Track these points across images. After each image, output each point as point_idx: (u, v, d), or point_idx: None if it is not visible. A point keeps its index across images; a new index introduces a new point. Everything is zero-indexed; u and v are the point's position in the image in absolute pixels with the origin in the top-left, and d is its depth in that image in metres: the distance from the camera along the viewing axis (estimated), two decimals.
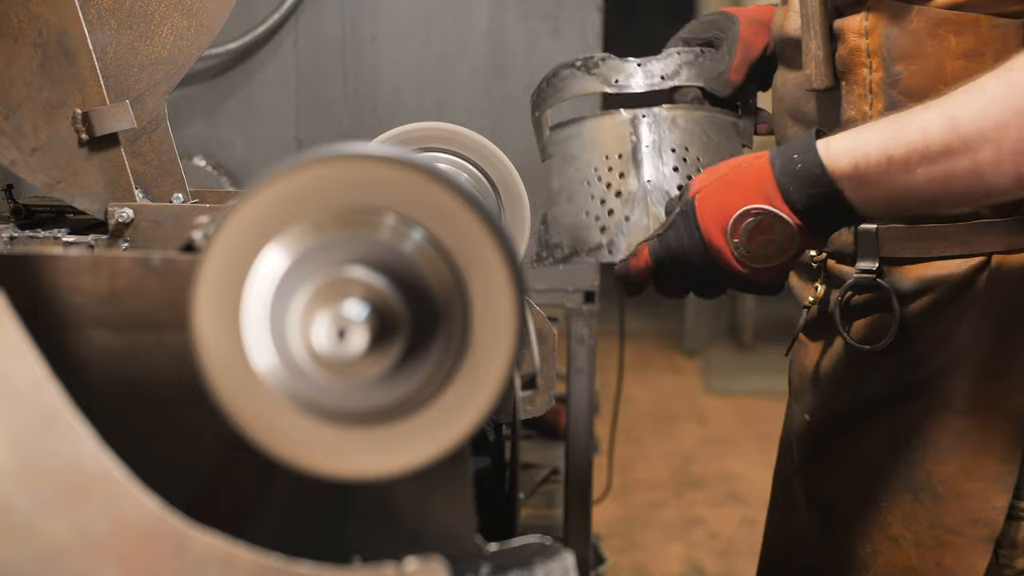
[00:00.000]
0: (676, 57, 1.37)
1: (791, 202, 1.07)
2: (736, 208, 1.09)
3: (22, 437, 0.61)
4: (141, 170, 1.32)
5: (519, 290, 0.67)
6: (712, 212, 1.11)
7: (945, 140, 0.99)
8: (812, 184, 1.05)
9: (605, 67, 1.36)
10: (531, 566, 0.75)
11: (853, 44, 1.16)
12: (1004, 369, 1.15)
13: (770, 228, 1.08)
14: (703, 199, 1.12)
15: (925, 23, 1.11)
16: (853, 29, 1.15)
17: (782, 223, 1.07)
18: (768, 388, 4.81)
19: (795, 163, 1.07)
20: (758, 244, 1.09)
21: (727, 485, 4.14)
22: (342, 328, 0.64)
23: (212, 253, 0.67)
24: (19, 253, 0.76)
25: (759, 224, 1.08)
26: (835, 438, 1.29)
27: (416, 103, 2.22)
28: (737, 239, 1.09)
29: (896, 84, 1.14)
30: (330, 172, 0.67)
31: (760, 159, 1.11)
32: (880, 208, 1.08)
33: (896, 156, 1.01)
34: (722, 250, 1.10)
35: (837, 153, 1.05)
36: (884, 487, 1.23)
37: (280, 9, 2.19)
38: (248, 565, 0.64)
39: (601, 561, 2.70)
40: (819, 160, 1.05)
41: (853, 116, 1.17)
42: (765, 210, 1.07)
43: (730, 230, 1.09)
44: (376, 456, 0.68)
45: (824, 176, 1.05)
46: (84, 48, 1.22)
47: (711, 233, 1.11)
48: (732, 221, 1.09)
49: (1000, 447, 1.15)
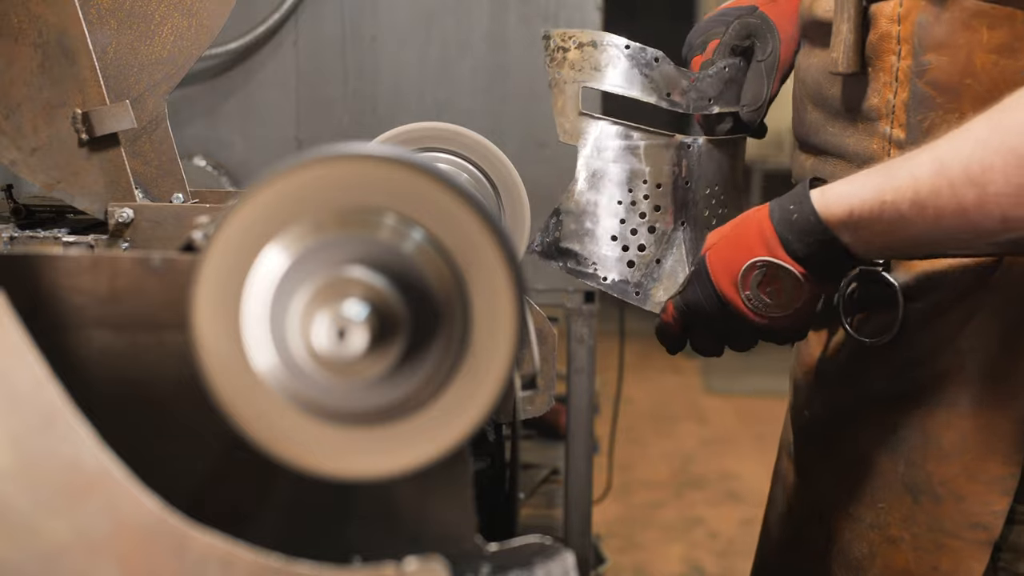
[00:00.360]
0: (724, 73, 1.31)
1: (791, 252, 1.10)
2: (742, 262, 1.13)
3: (22, 437, 0.61)
4: (141, 170, 1.32)
5: (519, 290, 0.67)
6: (722, 267, 1.16)
7: (933, 183, 1.00)
8: (809, 233, 1.09)
9: (659, 72, 1.27)
10: (531, 566, 0.75)
11: (884, 30, 1.15)
12: (1010, 371, 1.14)
13: (776, 278, 1.12)
14: (713, 256, 1.18)
15: (960, 13, 1.10)
16: (886, 14, 1.14)
17: (787, 273, 1.11)
18: (768, 388, 4.82)
19: (791, 213, 1.10)
20: (768, 294, 1.13)
21: (727, 485, 4.14)
22: (342, 328, 0.64)
23: (212, 253, 0.67)
24: (19, 253, 0.76)
25: (765, 276, 1.12)
26: (834, 435, 1.28)
27: (416, 103, 2.22)
28: (748, 291, 1.14)
29: (923, 74, 1.13)
30: (330, 172, 0.67)
31: (760, 212, 1.15)
32: (879, 251, 1.10)
33: (888, 200, 1.03)
34: (736, 303, 1.15)
35: (832, 201, 1.08)
36: (883, 487, 1.22)
37: (280, 9, 2.19)
38: (248, 565, 0.64)
39: (601, 561, 2.69)
40: (813, 209, 1.08)
41: (876, 104, 1.17)
42: (769, 262, 1.12)
43: (740, 283, 1.14)
44: (376, 456, 0.68)
45: (819, 224, 1.08)
46: (84, 48, 1.22)
47: (724, 287, 1.16)
48: (740, 275, 1.14)
49: (1003, 450, 1.14)
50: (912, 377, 1.20)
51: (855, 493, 1.25)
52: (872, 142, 1.18)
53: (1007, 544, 1.16)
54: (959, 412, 1.16)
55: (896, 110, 1.16)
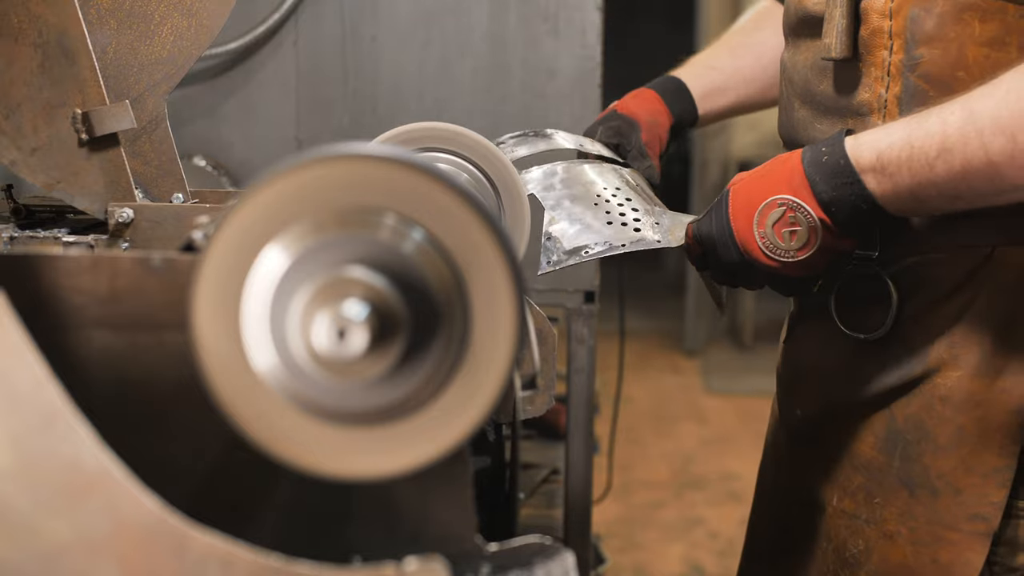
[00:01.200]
0: None
1: (817, 193, 1.11)
2: (764, 198, 1.14)
3: (22, 437, 0.61)
4: (141, 170, 1.32)
5: (519, 290, 0.67)
6: (742, 203, 1.16)
7: (962, 130, 1.01)
8: (836, 174, 1.09)
9: None
10: (531, 566, 0.75)
11: (876, 25, 1.15)
12: (1003, 363, 1.14)
13: (794, 220, 1.12)
14: (737, 190, 1.18)
15: (951, 7, 1.10)
16: (877, 9, 1.15)
17: (805, 214, 1.11)
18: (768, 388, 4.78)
19: (822, 155, 1.11)
20: (782, 236, 1.13)
21: (727, 485, 4.14)
22: (342, 328, 0.64)
23: (212, 253, 0.67)
24: (19, 253, 0.76)
25: (783, 215, 1.12)
26: (828, 432, 1.28)
27: (416, 103, 2.22)
28: (762, 229, 1.14)
29: (916, 68, 1.13)
30: (330, 172, 0.67)
31: (794, 154, 1.15)
32: (904, 202, 1.09)
33: (917, 146, 1.04)
34: (748, 240, 1.16)
35: (863, 144, 1.09)
36: (879, 482, 1.22)
37: (280, 9, 2.19)
38: (248, 565, 0.64)
39: (601, 561, 2.69)
40: (844, 152, 1.09)
41: (867, 99, 1.17)
42: (789, 200, 1.12)
43: (756, 220, 1.14)
44: (376, 456, 0.68)
45: (848, 166, 1.08)
46: (84, 48, 1.22)
47: (739, 223, 1.16)
48: (759, 211, 1.14)
49: (999, 441, 1.14)
50: (906, 371, 1.20)
51: (849, 489, 1.25)
52: None
53: (1003, 538, 1.16)
54: (954, 405, 1.16)
55: (888, 104, 1.16)
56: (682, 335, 6.10)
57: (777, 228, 1.13)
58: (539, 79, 2.17)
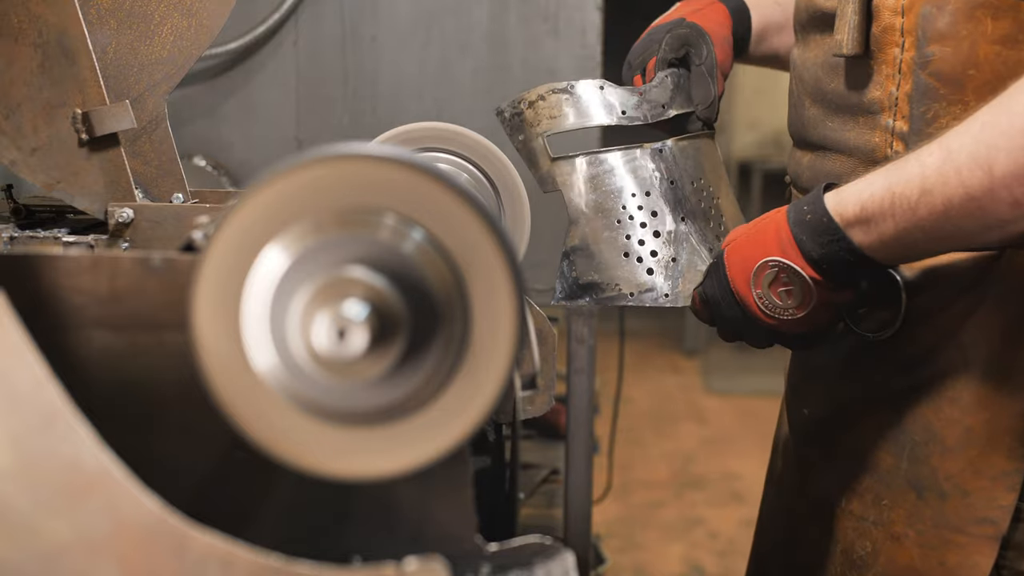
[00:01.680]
0: (667, 82, 1.35)
1: (806, 252, 1.11)
2: (756, 260, 1.14)
3: (22, 437, 0.61)
4: (141, 170, 1.32)
5: (519, 290, 0.67)
6: (738, 264, 1.17)
7: (940, 170, 1.00)
8: (822, 233, 1.09)
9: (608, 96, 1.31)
10: (531, 566, 0.75)
11: (887, 22, 1.15)
12: (1013, 364, 1.14)
13: (787, 280, 1.13)
14: (731, 252, 1.19)
15: (964, 4, 1.10)
16: (889, 7, 1.14)
17: (796, 275, 1.12)
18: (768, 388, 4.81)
19: (805, 214, 1.11)
20: (779, 296, 1.14)
21: (727, 485, 4.14)
22: (342, 328, 0.64)
23: (212, 253, 0.67)
24: (19, 253, 0.76)
25: (777, 276, 1.13)
26: (835, 432, 1.28)
27: (416, 103, 2.22)
28: (759, 290, 1.15)
29: (927, 65, 1.13)
30: (330, 172, 0.67)
31: (779, 213, 1.16)
32: (892, 251, 1.08)
33: (898, 192, 1.03)
34: (748, 301, 1.17)
35: (845, 198, 1.09)
36: (887, 484, 1.21)
37: (280, 9, 2.19)
38: (248, 565, 0.64)
39: (601, 561, 2.69)
40: (826, 209, 1.09)
41: (878, 96, 1.17)
42: (780, 262, 1.12)
43: (752, 282, 1.15)
44: (376, 456, 0.68)
45: (831, 224, 1.08)
46: (84, 48, 1.22)
47: (738, 284, 1.17)
48: (753, 273, 1.15)
49: (1008, 444, 1.14)
50: (914, 372, 1.19)
51: (857, 490, 1.25)
52: (874, 135, 1.18)
53: (1011, 542, 1.16)
54: (963, 407, 1.16)
55: (899, 102, 1.15)
56: (682, 335, 6.10)
57: (773, 289, 1.14)
58: (539, 79, 2.16)
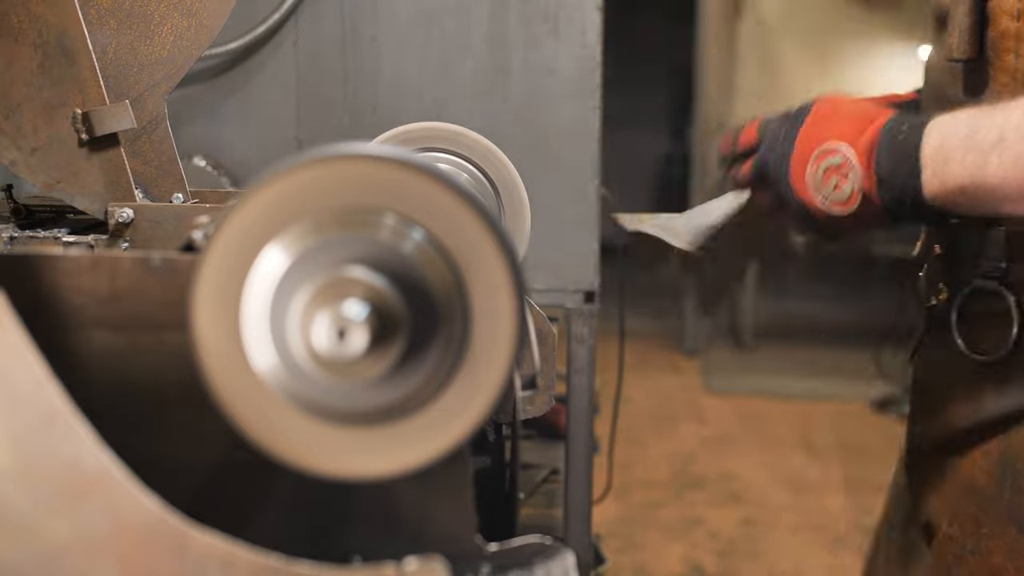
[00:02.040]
0: None
1: (878, 163, 1.08)
2: (834, 139, 1.12)
3: (22, 437, 0.61)
4: (141, 170, 1.32)
5: (519, 290, 0.67)
6: (814, 131, 1.14)
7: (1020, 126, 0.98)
8: (902, 162, 1.07)
9: None
10: (531, 566, 0.75)
11: (1003, 27, 1.10)
12: None
13: (844, 175, 1.10)
14: (817, 112, 1.16)
15: None
16: (1006, 10, 1.10)
17: (856, 176, 1.09)
18: (768, 388, 4.82)
19: (901, 133, 1.08)
20: (829, 183, 1.12)
21: (727, 485, 4.14)
22: (342, 328, 0.64)
23: (212, 253, 0.67)
24: (19, 253, 0.76)
25: (839, 165, 1.11)
26: (942, 455, 1.23)
27: (416, 103, 2.22)
28: (815, 167, 1.12)
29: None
30: (330, 172, 0.67)
31: (882, 115, 1.13)
32: (951, 197, 1.05)
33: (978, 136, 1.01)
34: (798, 167, 1.14)
35: (934, 129, 1.06)
36: (988, 514, 1.16)
37: (280, 9, 2.19)
38: (248, 565, 0.64)
39: (601, 561, 2.69)
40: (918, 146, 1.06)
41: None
42: (851, 160, 1.10)
43: (815, 156, 1.13)
44: (376, 456, 0.68)
45: (915, 165, 1.06)
46: (84, 48, 1.21)
47: (800, 146, 1.14)
48: (820, 149, 1.12)
49: None
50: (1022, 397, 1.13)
51: (958, 515, 1.20)
52: None
53: None
54: None
55: None
56: (682, 335, 6.10)
57: (828, 173, 1.11)
58: (539, 79, 2.17)
